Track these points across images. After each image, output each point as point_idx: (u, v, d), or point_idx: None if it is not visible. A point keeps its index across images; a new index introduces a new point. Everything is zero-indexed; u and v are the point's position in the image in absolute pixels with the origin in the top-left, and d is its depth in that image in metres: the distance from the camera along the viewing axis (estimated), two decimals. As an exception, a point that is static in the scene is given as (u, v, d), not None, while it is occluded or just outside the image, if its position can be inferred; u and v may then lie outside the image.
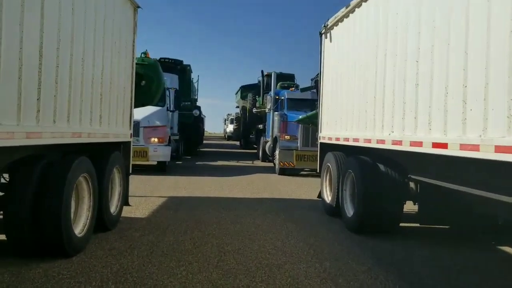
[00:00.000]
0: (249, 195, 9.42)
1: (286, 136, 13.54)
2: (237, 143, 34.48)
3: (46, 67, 3.86)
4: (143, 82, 8.51)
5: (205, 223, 6.49)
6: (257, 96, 21.79)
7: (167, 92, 14.67)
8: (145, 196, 8.81)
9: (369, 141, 5.62)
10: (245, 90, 27.58)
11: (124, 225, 6.16)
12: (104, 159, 5.59)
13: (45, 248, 4.38)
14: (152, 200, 8.35)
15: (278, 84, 18.93)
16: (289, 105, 15.09)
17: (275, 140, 14.58)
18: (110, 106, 5.63)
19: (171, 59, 19.35)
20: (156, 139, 12.81)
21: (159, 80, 8.76)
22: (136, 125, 12.64)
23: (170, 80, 15.73)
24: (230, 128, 44.43)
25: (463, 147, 3.58)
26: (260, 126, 19.77)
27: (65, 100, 4.32)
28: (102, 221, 5.55)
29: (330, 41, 7.60)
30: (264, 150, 18.19)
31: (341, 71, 6.96)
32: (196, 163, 17.40)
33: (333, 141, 7.19)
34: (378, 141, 5.32)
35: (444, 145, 3.86)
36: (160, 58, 19.04)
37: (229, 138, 45.09)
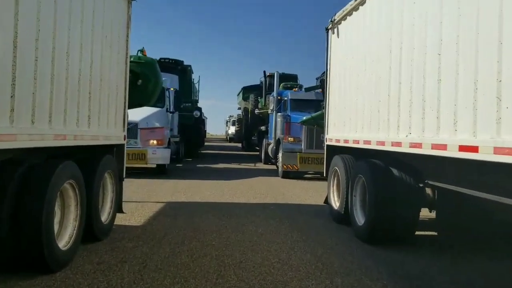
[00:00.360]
0: (251, 200, 8.95)
1: (289, 138, 13.08)
2: (239, 145, 34.02)
3: (22, 60, 3.41)
4: (140, 81, 8.07)
5: (204, 231, 6.02)
6: (259, 97, 21.34)
7: (167, 93, 14.24)
8: (142, 201, 8.35)
9: (382, 143, 5.15)
10: (247, 91, 27.13)
11: (117, 235, 5.70)
12: (94, 164, 5.13)
13: (25, 263, 3.93)
14: (149, 206, 7.88)
15: (281, 84, 18.48)
16: (292, 106, 14.63)
17: (278, 142, 14.12)
18: (101, 105, 5.18)
19: (171, 59, 18.93)
20: (155, 141, 12.36)
21: (157, 79, 8.31)
22: (134, 127, 12.24)
23: (170, 81, 15.31)
24: (232, 129, 44.02)
25: (498, 150, 3.11)
26: (263, 128, 19.31)
27: (46, 98, 3.87)
28: (91, 231, 5.09)
29: (338, 36, 7.13)
30: (266, 152, 17.73)
31: (350, 68, 6.50)
32: (197, 165, 16.94)
33: (341, 144, 6.72)
34: (393, 144, 4.85)
35: (473, 149, 3.39)
36: (160, 58, 18.63)
37: (231, 139, 44.67)
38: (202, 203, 8.43)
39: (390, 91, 5.05)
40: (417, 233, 5.64)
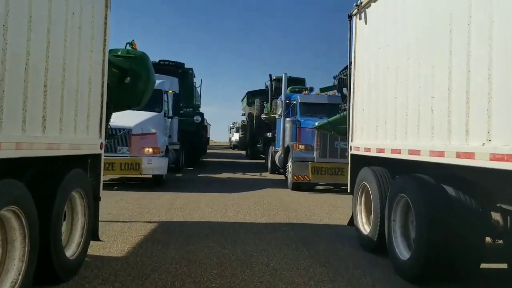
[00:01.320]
0: (259, 219, 7.62)
1: (300, 146, 11.77)
2: (243, 152, 32.72)
3: None
4: (128, 78, 6.80)
5: (202, 265, 4.71)
6: (265, 102, 20.06)
7: (165, 96, 13.00)
8: (130, 221, 7.06)
9: (440, 154, 3.83)
10: (251, 96, 25.89)
11: (89, 271, 4.41)
12: (53, 181, 3.85)
13: None
14: (138, 227, 6.58)
15: (288, 88, 17.25)
16: (302, 110, 13.34)
17: (287, 150, 12.80)
18: (64, 104, 3.90)
19: (171, 62, 17.75)
20: (150, 149, 11.08)
21: (148, 77, 7.03)
22: (127, 133, 10.98)
23: (170, 83, 14.06)
24: (236, 136, 42.79)
25: None
26: (269, 135, 18.02)
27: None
28: (51, 269, 3.80)
29: (366, 22, 5.85)
30: (273, 161, 16.42)
31: (384, 59, 5.20)
32: (198, 175, 15.64)
33: (373, 153, 5.41)
34: (459, 155, 3.53)
35: None
36: (160, 61, 17.47)
37: (235, 147, 43.41)
38: (202, 223, 7.11)
39: (451, 84, 3.74)
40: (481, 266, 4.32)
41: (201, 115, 20.34)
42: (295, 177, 11.54)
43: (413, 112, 4.42)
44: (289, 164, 12.07)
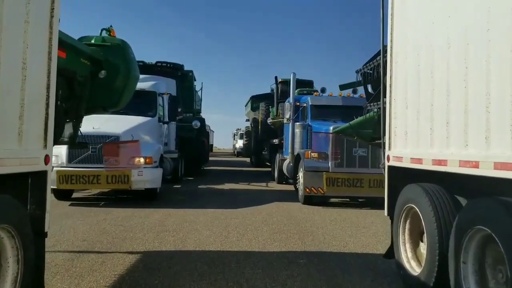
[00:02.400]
0: (269, 246, 6.17)
1: (312, 154, 10.31)
2: (247, 160, 31.30)
3: None
4: (103, 72, 5.43)
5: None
6: (270, 106, 18.66)
7: (160, 99, 11.62)
8: (107, 251, 5.63)
9: None
10: (256, 101, 24.49)
11: None
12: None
13: None
14: (114, 262, 5.15)
15: (296, 91, 15.91)
16: (313, 114, 11.91)
17: (297, 158, 11.35)
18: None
19: (169, 63, 16.39)
20: (141, 159, 9.67)
21: (129, 71, 5.63)
22: (115, 141, 9.59)
23: (166, 85, 12.68)
24: (240, 143, 41.36)
25: None
26: (275, 141, 16.60)
27: None
28: None
29: (410, -8, 4.42)
30: (280, 170, 14.98)
31: (444, 35, 3.76)
32: (198, 186, 14.20)
33: (426, 166, 3.95)
34: None
35: None
36: (157, 62, 16.17)
37: (239, 154, 41.97)
38: (196, 254, 5.66)
39: None
40: None
41: (201, 120, 18.96)
42: (307, 190, 10.08)
43: (500, 107, 2.97)
44: (300, 174, 10.62)
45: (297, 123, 11.87)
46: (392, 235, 4.83)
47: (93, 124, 9.65)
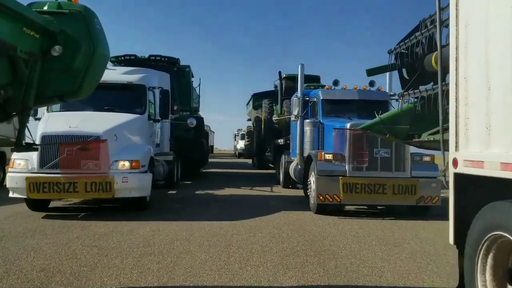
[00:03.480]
0: (281, 277, 4.74)
1: (327, 156, 8.88)
2: (249, 161, 29.89)
3: None
4: (57, 48, 3.99)
5: None
6: (274, 104, 17.23)
7: (150, 94, 10.21)
8: (66, 288, 4.22)
9: None
10: (258, 99, 23.08)
11: None
12: None
13: None
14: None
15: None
16: (325, 110, 10.49)
17: (307, 161, 9.91)
18: None
19: (164, 57, 15.01)
20: (126, 163, 8.26)
21: (93, 47, 4.20)
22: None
23: (158, 79, 11.25)
24: (241, 144, 39.98)
25: None
26: (280, 141, 15.17)
27: None
28: None
29: None
30: (286, 173, 13.57)
31: None
32: (196, 192, 12.78)
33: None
34: None
35: None
36: (150, 56, 14.78)
37: (240, 155, 40.58)
38: (186, 291, 4.24)
39: None
40: None
41: (199, 119, 17.55)
42: (321, 197, 8.65)
43: None
44: (312, 179, 9.19)
45: (307, 121, 10.45)
46: (461, 271, 3.40)
47: (69, 122, 8.26)
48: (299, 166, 11.55)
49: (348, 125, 8.76)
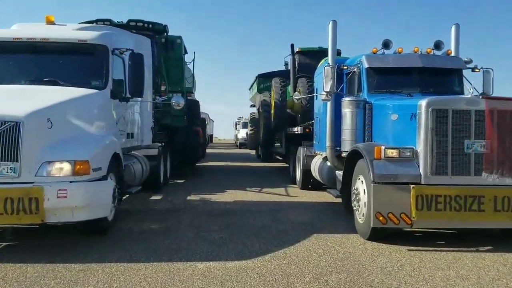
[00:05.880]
0: None
1: (389, 151, 5.58)
2: (252, 152, 26.64)
3: None
4: None
5: None
6: (287, 84, 13.93)
7: (117, 61, 6.92)
8: None
9: None
10: (264, 80, 19.79)
11: None
12: None
13: None
14: None
15: (322, 61, 11.34)
16: (371, 83, 7.22)
17: (351, 158, 6.61)
18: None
19: (147, 22, 11.65)
20: (65, 166, 5.01)
21: None
22: (12, 132, 4.94)
23: (134, 42, 7.88)
24: (242, 133, 36.70)
25: None
26: (296, 130, 11.92)
27: None
28: None
29: None
30: (307, 170, 10.40)
31: None
32: (188, 197, 9.56)
33: None
34: None
35: None
36: (129, 21, 11.41)
37: (241, 145, 37.30)
38: None
39: None
40: None
41: (194, 103, 14.28)
42: (381, 217, 5.41)
43: None
44: (360, 187, 5.98)
45: (347, 99, 7.18)
46: None
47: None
48: (328, 164, 8.36)
49: (424, 103, 5.51)
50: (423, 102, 5.51)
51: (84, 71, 6.46)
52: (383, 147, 5.60)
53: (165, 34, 12.59)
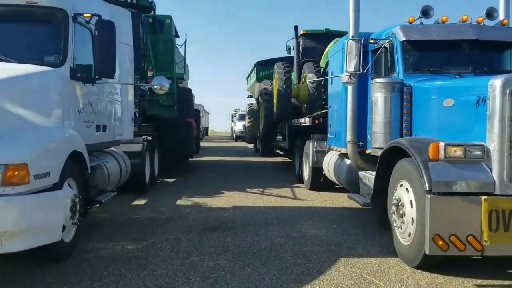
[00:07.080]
0: None
1: (452, 149, 4.06)
2: (250, 146, 25.04)
3: None
4: None
5: None
6: (290, 69, 12.34)
7: (79, 30, 5.28)
8: None
9: None
10: (263, 68, 18.24)
11: None
12: None
13: None
14: None
15: (331, 43, 9.93)
16: (409, 60, 5.64)
17: (387, 156, 5.07)
18: None
19: (131, -4, 9.99)
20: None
21: None
22: None
23: (110, 14, 6.22)
24: (239, 126, 35.09)
25: None
26: (304, 121, 10.37)
27: None
28: None
29: None
30: (317, 168, 8.91)
31: None
32: (177, 202, 8.01)
33: None
34: None
35: None
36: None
37: (238, 138, 35.70)
38: None
39: None
40: None
41: (186, 91, 12.71)
42: (440, 242, 3.88)
43: None
44: (406, 197, 4.44)
45: (378, 80, 5.60)
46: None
47: None
48: (347, 162, 6.86)
49: (498, 82, 3.96)
50: (497, 82, 3.96)
51: (34, 43, 4.85)
52: (442, 144, 4.05)
53: (153, 12, 11.02)
